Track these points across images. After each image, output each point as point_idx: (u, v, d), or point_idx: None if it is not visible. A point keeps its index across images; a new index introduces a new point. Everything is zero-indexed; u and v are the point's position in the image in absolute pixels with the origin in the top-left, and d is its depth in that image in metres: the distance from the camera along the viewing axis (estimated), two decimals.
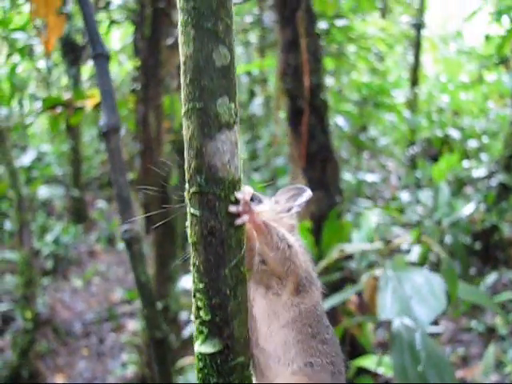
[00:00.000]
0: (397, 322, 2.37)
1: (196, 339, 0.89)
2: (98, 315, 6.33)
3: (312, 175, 3.88)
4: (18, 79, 6.55)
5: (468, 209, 5.73)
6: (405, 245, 5.40)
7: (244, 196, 0.89)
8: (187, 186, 0.88)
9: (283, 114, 4.58)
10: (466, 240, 5.77)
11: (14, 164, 4.88)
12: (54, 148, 9.90)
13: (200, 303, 0.88)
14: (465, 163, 7.67)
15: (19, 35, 5.34)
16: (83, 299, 6.84)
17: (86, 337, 5.94)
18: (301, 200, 1.09)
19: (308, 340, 1.05)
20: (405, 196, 7.54)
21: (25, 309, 4.83)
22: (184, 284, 3.80)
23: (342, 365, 1.12)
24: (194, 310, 0.89)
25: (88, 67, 8.14)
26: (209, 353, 0.87)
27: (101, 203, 9.61)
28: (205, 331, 0.87)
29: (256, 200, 1.06)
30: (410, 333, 2.32)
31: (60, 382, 5.06)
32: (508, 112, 8.49)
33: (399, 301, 2.44)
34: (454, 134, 8.95)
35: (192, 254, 0.89)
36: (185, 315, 4.65)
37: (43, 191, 8.59)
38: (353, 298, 3.45)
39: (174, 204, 1.00)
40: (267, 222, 0.98)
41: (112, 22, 5.92)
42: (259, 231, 0.97)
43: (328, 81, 7.39)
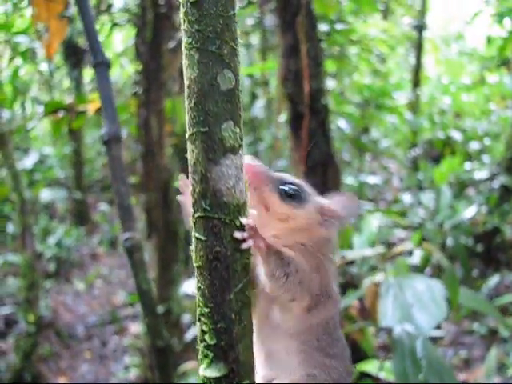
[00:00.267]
0: (398, 329, 2.38)
1: (201, 363, 0.88)
2: (101, 318, 6.32)
3: (313, 179, 3.88)
4: (21, 82, 6.56)
5: (470, 211, 5.73)
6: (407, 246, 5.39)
7: (249, 222, 0.88)
8: (192, 211, 0.87)
9: (285, 118, 4.58)
10: (468, 242, 5.76)
11: (17, 167, 4.88)
12: (56, 150, 9.88)
13: (205, 327, 0.87)
14: (467, 165, 7.63)
15: (21, 38, 5.33)
16: (86, 302, 6.83)
17: (89, 340, 5.93)
18: (355, 211, 1.06)
19: (313, 352, 1.04)
20: (407, 198, 7.52)
21: (27, 312, 4.83)
22: (186, 289, 3.80)
23: (348, 379, 1.12)
24: (199, 334, 0.89)
25: (90, 70, 8.14)
26: (214, 377, 0.86)
27: (103, 206, 9.58)
28: (210, 355, 0.87)
29: (303, 194, 1.01)
30: (412, 339, 2.33)
31: None
32: (510, 114, 8.49)
33: (400, 308, 2.45)
34: (456, 136, 8.92)
35: (197, 279, 0.88)
36: (187, 318, 4.65)
37: (45, 194, 8.57)
38: (354, 304, 3.45)
39: (176, 208, 1.00)
40: (272, 247, 0.95)
41: (114, 25, 5.91)
42: (261, 256, 0.95)
43: (329, 83, 7.38)
